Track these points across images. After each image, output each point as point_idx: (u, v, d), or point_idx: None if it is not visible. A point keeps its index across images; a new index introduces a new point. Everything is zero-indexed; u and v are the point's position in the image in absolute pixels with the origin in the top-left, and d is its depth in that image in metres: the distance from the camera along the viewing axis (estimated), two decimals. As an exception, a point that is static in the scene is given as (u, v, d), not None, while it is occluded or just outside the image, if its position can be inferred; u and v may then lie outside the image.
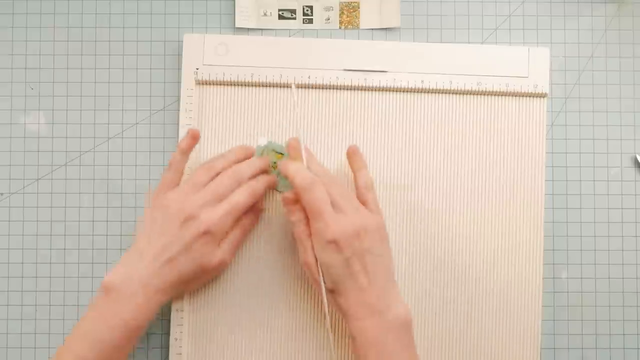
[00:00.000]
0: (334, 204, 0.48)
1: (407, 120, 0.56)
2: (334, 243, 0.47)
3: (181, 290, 0.53)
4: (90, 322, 0.48)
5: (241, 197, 0.51)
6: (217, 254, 0.51)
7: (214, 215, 0.49)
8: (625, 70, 0.58)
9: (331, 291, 0.49)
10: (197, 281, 0.52)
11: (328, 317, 0.50)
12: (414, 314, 0.55)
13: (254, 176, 0.52)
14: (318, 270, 0.49)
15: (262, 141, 0.55)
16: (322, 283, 0.49)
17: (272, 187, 0.54)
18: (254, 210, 0.54)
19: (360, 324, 0.48)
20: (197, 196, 0.50)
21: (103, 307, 0.48)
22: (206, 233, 0.49)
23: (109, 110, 0.57)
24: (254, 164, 0.53)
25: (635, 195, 0.57)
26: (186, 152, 0.52)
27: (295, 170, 0.49)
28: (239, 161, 0.53)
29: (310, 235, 0.49)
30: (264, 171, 0.53)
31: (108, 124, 0.57)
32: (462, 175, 0.56)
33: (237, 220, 0.52)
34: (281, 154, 0.54)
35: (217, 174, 0.52)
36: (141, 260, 0.49)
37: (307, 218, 0.49)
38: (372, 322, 0.47)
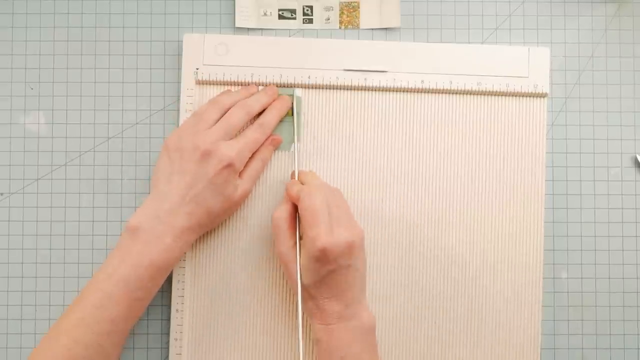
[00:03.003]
0: (329, 214, 0.49)
1: (407, 120, 0.56)
2: (323, 253, 0.47)
3: (208, 227, 0.53)
4: (117, 261, 0.48)
5: (254, 133, 0.53)
6: (240, 186, 0.52)
7: (233, 148, 0.50)
8: (625, 70, 0.58)
9: (304, 290, 0.50)
10: (223, 215, 0.53)
11: (300, 314, 0.50)
12: (413, 315, 0.55)
13: (262, 109, 0.54)
14: (297, 267, 0.49)
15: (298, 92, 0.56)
16: (299, 282, 0.49)
17: (276, 145, 0.55)
18: (271, 140, 0.55)
19: (325, 328, 0.48)
20: (210, 132, 0.51)
21: (131, 248, 0.48)
22: (228, 166, 0.50)
23: (108, 110, 0.57)
24: (261, 98, 0.54)
25: (636, 195, 0.57)
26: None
27: (292, 182, 0.52)
28: (246, 98, 0.54)
29: (289, 228, 0.50)
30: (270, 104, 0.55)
31: (108, 124, 0.57)
32: (462, 175, 0.56)
33: (254, 152, 0.53)
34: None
35: (225, 111, 0.53)
36: (165, 201, 0.49)
37: (293, 209, 0.51)
38: (338, 327, 0.48)
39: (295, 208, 0.51)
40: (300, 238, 0.50)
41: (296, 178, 0.54)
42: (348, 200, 0.54)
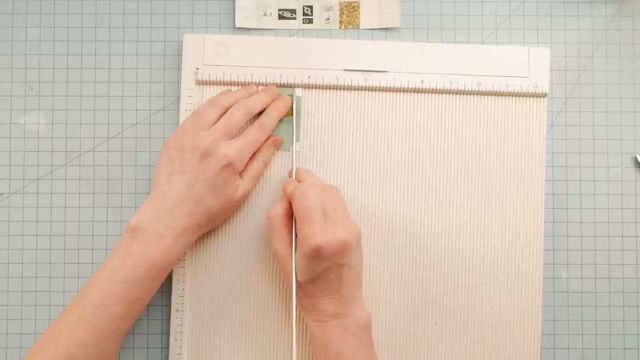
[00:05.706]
0: (324, 213, 0.49)
1: (407, 120, 0.56)
2: (317, 252, 0.47)
3: (208, 227, 0.53)
4: (117, 262, 0.48)
5: (255, 133, 0.52)
6: (241, 186, 0.52)
7: (232, 147, 0.50)
8: (625, 70, 0.58)
9: (299, 287, 0.50)
10: (223, 215, 0.53)
11: (295, 313, 0.50)
12: (413, 314, 0.55)
13: (262, 109, 0.54)
14: (292, 264, 0.49)
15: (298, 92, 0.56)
16: (294, 279, 0.49)
17: (277, 146, 0.55)
18: (273, 141, 0.55)
19: (320, 325, 0.49)
20: (210, 131, 0.51)
21: (131, 248, 0.48)
22: (227, 166, 0.50)
23: (108, 110, 0.57)
24: (261, 98, 0.54)
25: (636, 195, 0.57)
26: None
27: (288, 180, 0.53)
28: (246, 97, 0.54)
29: (285, 226, 0.50)
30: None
31: (108, 124, 0.57)
32: (462, 175, 0.56)
33: (255, 152, 0.53)
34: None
35: (224, 111, 0.53)
36: (165, 201, 0.49)
37: (289, 207, 0.51)
38: (333, 324, 0.49)
39: (291, 206, 0.51)
40: (296, 236, 0.50)
41: (293, 176, 0.54)
42: (347, 200, 0.54)
